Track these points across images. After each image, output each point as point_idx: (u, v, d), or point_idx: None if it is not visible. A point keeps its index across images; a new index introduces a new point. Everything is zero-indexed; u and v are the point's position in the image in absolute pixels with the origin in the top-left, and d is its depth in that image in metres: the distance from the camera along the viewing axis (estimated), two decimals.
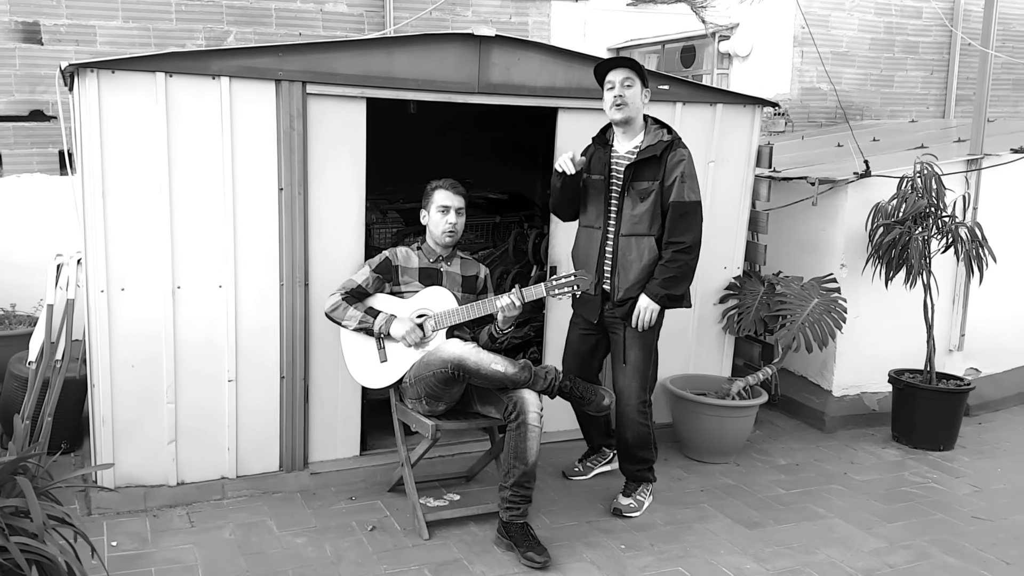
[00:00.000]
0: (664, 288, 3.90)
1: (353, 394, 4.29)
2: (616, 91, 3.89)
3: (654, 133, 3.96)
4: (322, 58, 3.96)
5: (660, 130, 3.98)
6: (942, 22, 8.99)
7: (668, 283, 3.90)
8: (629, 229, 3.96)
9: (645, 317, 3.94)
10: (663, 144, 3.90)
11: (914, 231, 4.92)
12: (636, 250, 3.95)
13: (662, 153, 3.89)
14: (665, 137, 3.94)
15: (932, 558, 3.80)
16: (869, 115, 8.97)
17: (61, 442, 4.24)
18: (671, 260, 3.90)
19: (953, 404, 5.17)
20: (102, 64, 3.63)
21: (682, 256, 3.90)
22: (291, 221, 4.03)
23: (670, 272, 3.90)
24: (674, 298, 3.95)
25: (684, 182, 3.88)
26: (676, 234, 3.90)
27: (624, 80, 3.88)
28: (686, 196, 3.88)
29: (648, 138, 3.95)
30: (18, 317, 5.50)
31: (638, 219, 3.94)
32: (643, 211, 3.92)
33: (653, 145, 3.91)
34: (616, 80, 3.89)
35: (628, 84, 3.88)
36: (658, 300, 3.91)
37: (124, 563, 3.46)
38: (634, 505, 4.11)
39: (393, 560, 3.59)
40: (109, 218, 3.74)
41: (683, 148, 3.94)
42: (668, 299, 3.93)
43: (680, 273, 3.91)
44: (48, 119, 5.92)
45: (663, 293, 3.90)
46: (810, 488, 4.53)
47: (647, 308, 3.93)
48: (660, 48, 9.10)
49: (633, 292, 3.96)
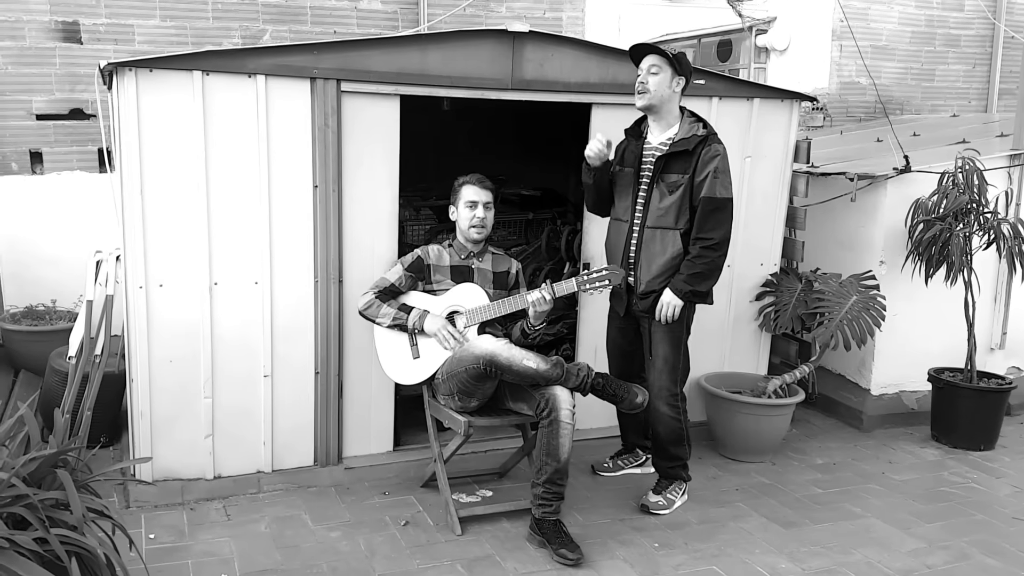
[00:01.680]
0: (689, 284, 3.86)
1: (386, 390, 4.31)
2: (641, 77, 3.86)
3: (689, 126, 3.92)
4: (356, 56, 3.97)
5: (696, 124, 3.93)
6: (985, 15, 8.83)
7: (694, 279, 3.86)
8: (655, 222, 3.93)
9: (667, 312, 3.90)
10: (697, 138, 3.85)
11: (955, 227, 4.84)
12: (660, 243, 3.92)
13: (695, 147, 3.84)
14: (700, 132, 3.89)
15: (971, 559, 3.73)
16: (909, 110, 8.83)
17: (100, 436, 4.31)
18: (698, 256, 3.85)
19: (994, 403, 5.08)
20: (140, 63, 3.68)
21: (709, 253, 3.85)
22: (325, 218, 4.05)
23: (696, 268, 3.85)
24: (699, 294, 3.92)
25: (717, 178, 3.83)
26: (705, 230, 3.85)
27: (650, 67, 3.84)
28: (718, 192, 3.84)
29: (682, 131, 3.91)
30: (58, 313, 5.60)
31: (664, 212, 3.90)
32: (670, 204, 3.89)
33: (687, 139, 3.87)
34: (643, 67, 3.86)
35: (654, 71, 3.84)
36: (682, 296, 3.88)
37: (161, 555, 3.51)
38: (663, 503, 4.08)
39: (426, 555, 3.60)
40: (147, 215, 3.78)
41: (719, 144, 3.89)
42: (693, 295, 3.89)
43: (707, 270, 3.87)
44: (88, 118, 6.01)
45: (688, 289, 3.86)
46: (847, 488, 4.47)
47: (669, 303, 3.89)
48: (696, 42, 9.03)
49: (655, 285, 3.93)
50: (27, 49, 5.81)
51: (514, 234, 6.23)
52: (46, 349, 4.80)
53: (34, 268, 5.67)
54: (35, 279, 5.67)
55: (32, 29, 5.81)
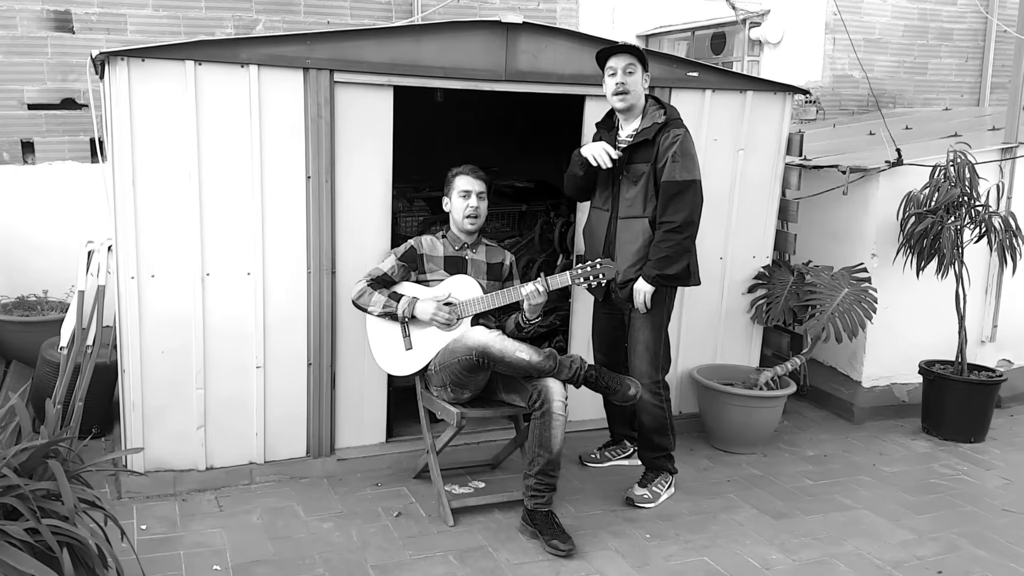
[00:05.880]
0: (656, 268, 3.88)
1: (379, 381, 4.31)
2: (618, 78, 3.86)
3: (650, 115, 3.94)
4: (350, 46, 3.96)
5: (657, 111, 3.95)
6: (977, 8, 8.83)
7: (660, 263, 3.87)
8: (625, 212, 3.97)
9: (639, 299, 3.93)
10: (657, 126, 3.88)
11: (946, 220, 4.85)
12: (631, 232, 3.95)
13: (655, 136, 3.87)
14: (660, 119, 3.90)
15: (961, 550, 3.76)
16: (902, 103, 8.84)
17: (92, 427, 4.30)
18: (661, 240, 3.87)
19: (984, 396, 5.11)
20: (132, 52, 3.66)
21: (672, 236, 3.86)
22: (318, 209, 4.04)
23: (661, 252, 3.86)
24: (668, 278, 3.92)
25: (676, 161, 3.83)
26: (667, 214, 3.86)
27: (626, 67, 3.85)
28: (677, 175, 3.84)
29: (644, 121, 3.94)
30: (50, 303, 5.57)
31: (631, 202, 3.94)
32: (635, 194, 3.92)
33: (648, 128, 3.90)
34: (618, 67, 3.86)
35: (630, 71, 3.85)
36: (651, 281, 3.90)
37: (153, 546, 3.51)
38: (648, 496, 4.09)
39: (418, 546, 3.61)
40: (139, 205, 3.77)
41: (678, 128, 3.89)
42: (662, 279, 3.91)
43: (672, 252, 3.86)
44: (79, 107, 5.97)
45: (655, 273, 3.88)
46: (838, 479, 4.49)
47: (639, 290, 3.92)
48: (690, 35, 9.02)
49: (631, 275, 3.96)
50: (18, 38, 5.77)
51: (507, 226, 6.23)
52: (38, 339, 4.78)
53: (25, 258, 5.64)
54: (26, 269, 5.64)
55: (24, 18, 5.77)
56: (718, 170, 4.76)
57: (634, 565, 3.53)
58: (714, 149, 4.75)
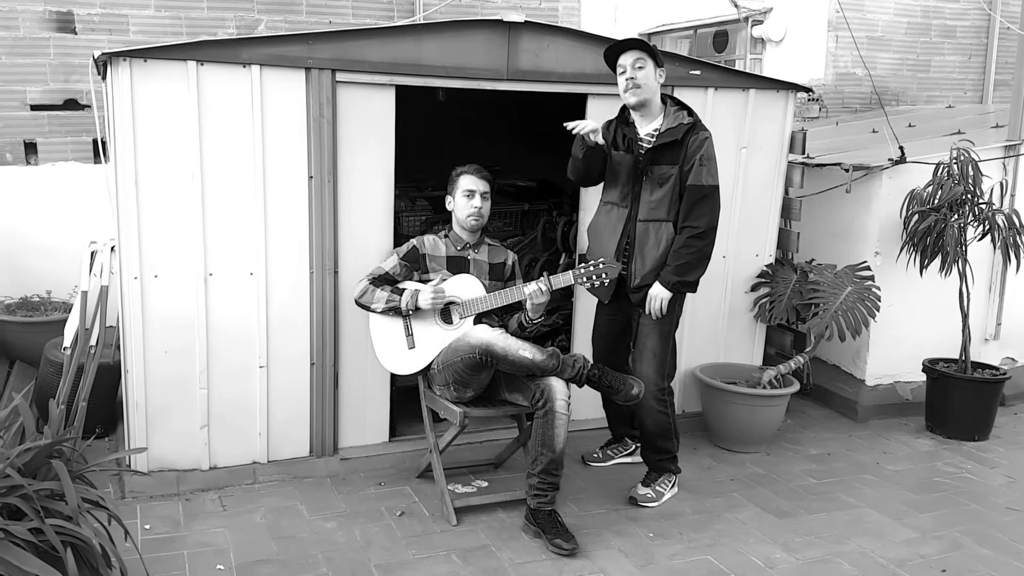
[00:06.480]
0: (677, 275, 3.84)
1: (382, 380, 4.31)
2: (628, 74, 3.81)
3: (674, 116, 3.87)
4: (351, 46, 3.96)
5: (680, 112, 3.89)
6: (980, 5, 8.81)
7: (681, 269, 3.83)
8: (647, 215, 3.90)
9: (655, 305, 3.89)
10: (684, 127, 3.82)
11: (950, 218, 4.84)
12: (654, 236, 3.89)
13: (683, 136, 3.81)
14: (686, 120, 3.85)
15: (965, 549, 3.75)
16: (905, 100, 8.82)
17: (95, 427, 4.31)
18: (684, 246, 3.82)
19: (988, 394, 5.10)
20: (134, 53, 3.66)
21: (696, 242, 3.82)
22: (320, 209, 4.05)
23: (683, 258, 3.82)
24: (687, 284, 3.89)
25: (703, 165, 3.79)
26: (691, 219, 3.82)
27: (635, 62, 3.80)
28: (704, 180, 3.81)
29: (668, 121, 3.87)
30: (53, 304, 5.59)
31: (656, 205, 3.88)
32: (661, 196, 3.86)
33: (674, 128, 3.83)
34: (627, 63, 3.81)
35: (639, 66, 3.80)
36: (670, 287, 3.85)
37: (157, 546, 3.51)
38: (651, 495, 4.08)
39: (421, 545, 3.61)
40: (142, 206, 3.78)
41: (704, 131, 3.85)
42: (681, 285, 3.87)
43: (694, 259, 3.84)
44: (82, 108, 5.99)
45: (676, 280, 3.84)
46: (842, 478, 4.49)
47: (657, 296, 3.87)
48: (692, 33, 9.02)
49: (649, 279, 3.90)
50: (21, 39, 5.79)
51: (510, 225, 6.23)
52: (41, 340, 4.79)
53: (29, 259, 5.66)
54: (30, 270, 5.65)
55: (26, 19, 5.78)
56: (721, 169, 4.71)
57: (637, 564, 3.53)
58: (717, 148, 4.72)
